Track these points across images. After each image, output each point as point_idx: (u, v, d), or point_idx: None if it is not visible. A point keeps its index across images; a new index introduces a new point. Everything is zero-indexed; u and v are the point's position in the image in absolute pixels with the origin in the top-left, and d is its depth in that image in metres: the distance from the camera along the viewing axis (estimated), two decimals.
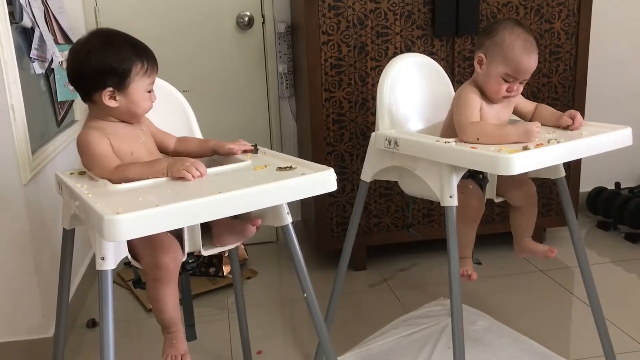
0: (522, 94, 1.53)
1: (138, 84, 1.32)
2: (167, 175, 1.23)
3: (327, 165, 1.26)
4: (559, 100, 2.52)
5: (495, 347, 1.92)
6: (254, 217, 1.35)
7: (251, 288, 2.48)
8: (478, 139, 1.42)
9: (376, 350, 1.95)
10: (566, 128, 1.53)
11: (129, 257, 1.26)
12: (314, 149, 2.41)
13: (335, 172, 1.24)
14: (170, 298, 1.31)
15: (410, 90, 1.72)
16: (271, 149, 2.85)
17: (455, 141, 1.43)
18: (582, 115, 2.53)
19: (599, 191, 3.02)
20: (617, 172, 3.12)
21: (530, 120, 1.61)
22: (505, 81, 1.48)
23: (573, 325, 2.14)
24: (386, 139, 1.57)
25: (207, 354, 2.00)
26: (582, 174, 2.68)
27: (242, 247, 2.63)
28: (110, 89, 1.30)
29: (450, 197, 1.43)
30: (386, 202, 2.50)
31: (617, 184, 3.06)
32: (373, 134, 1.65)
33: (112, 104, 1.31)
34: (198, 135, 1.61)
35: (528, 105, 1.64)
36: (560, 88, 2.51)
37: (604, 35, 2.92)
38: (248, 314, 1.90)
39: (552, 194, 2.63)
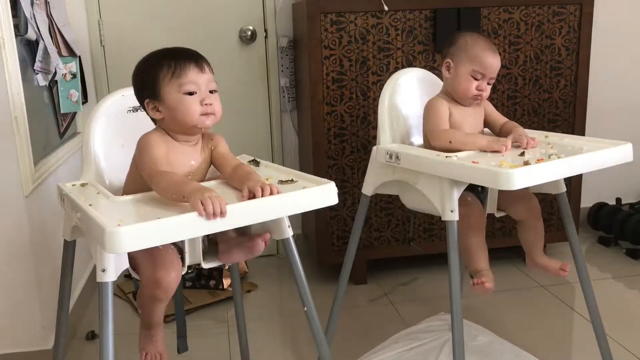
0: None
1: (168, 88, 1.25)
2: (186, 201, 1.13)
3: (328, 178, 1.27)
4: (559, 116, 2.53)
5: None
6: (264, 232, 1.32)
7: (251, 301, 2.48)
8: (450, 142, 1.50)
9: None
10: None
11: (130, 269, 1.26)
12: (315, 162, 2.42)
13: (337, 185, 1.25)
14: (163, 309, 1.35)
15: (412, 104, 1.72)
16: (272, 162, 2.87)
17: (457, 156, 1.44)
18: (583, 130, 2.57)
19: (600, 207, 3.02)
20: (618, 188, 3.12)
21: (497, 134, 1.64)
22: (474, 79, 1.56)
23: (574, 341, 2.13)
24: (387, 153, 1.57)
25: None
26: (583, 190, 2.68)
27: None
28: (148, 100, 1.28)
29: (452, 211, 1.43)
30: (387, 215, 2.50)
31: (618, 200, 3.06)
32: (374, 147, 1.66)
33: (156, 115, 1.28)
34: None
35: (500, 119, 1.68)
36: (561, 104, 2.52)
37: (605, 51, 2.94)
38: (248, 327, 1.89)
39: (552, 209, 2.63)
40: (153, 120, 1.32)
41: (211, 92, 1.29)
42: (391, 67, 2.38)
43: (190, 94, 1.26)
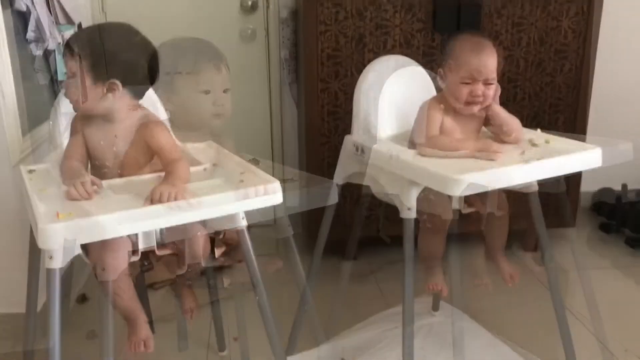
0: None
1: (183, 83, 1.33)
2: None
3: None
4: (562, 101, 2.45)
5: (484, 354, 1.92)
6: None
7: (251, 301, 2.45)
8: (437, 149, 1.44)
9: (354, 343, 1.96)
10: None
11: (82, 254, 1.28)
12: (308, 140, 2.40)
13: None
14: (133, 296, 1.36)
15: (389, 93, 1.68)
16: (271, 136, 2.86)
17: (418, 153, 1.42)
18: (586, 116, 2.48)
19: (604, 192, 2.94)
20: (625, 173, 3.01)
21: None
22: (466, 84, 1.48)
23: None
24: (354, 145, 1.56)
25: None
26: (587, 174, 2.60)
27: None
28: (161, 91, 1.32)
29: (409, 209, 1.42)
30: None
31: (624, 186, 2.97)
32: (346, 136, 1.64)
33: (168, 106, 1.35)
34: None
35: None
36: (565, 88, 2.44)
37: (614, 35, 2.78)
38: (248, 326, 1.91)
39: (548, 198, 2.56)
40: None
41: (225, 91, 1.30)
42: (388, 44, 2.33)
43: (205, 92, 1.26)
